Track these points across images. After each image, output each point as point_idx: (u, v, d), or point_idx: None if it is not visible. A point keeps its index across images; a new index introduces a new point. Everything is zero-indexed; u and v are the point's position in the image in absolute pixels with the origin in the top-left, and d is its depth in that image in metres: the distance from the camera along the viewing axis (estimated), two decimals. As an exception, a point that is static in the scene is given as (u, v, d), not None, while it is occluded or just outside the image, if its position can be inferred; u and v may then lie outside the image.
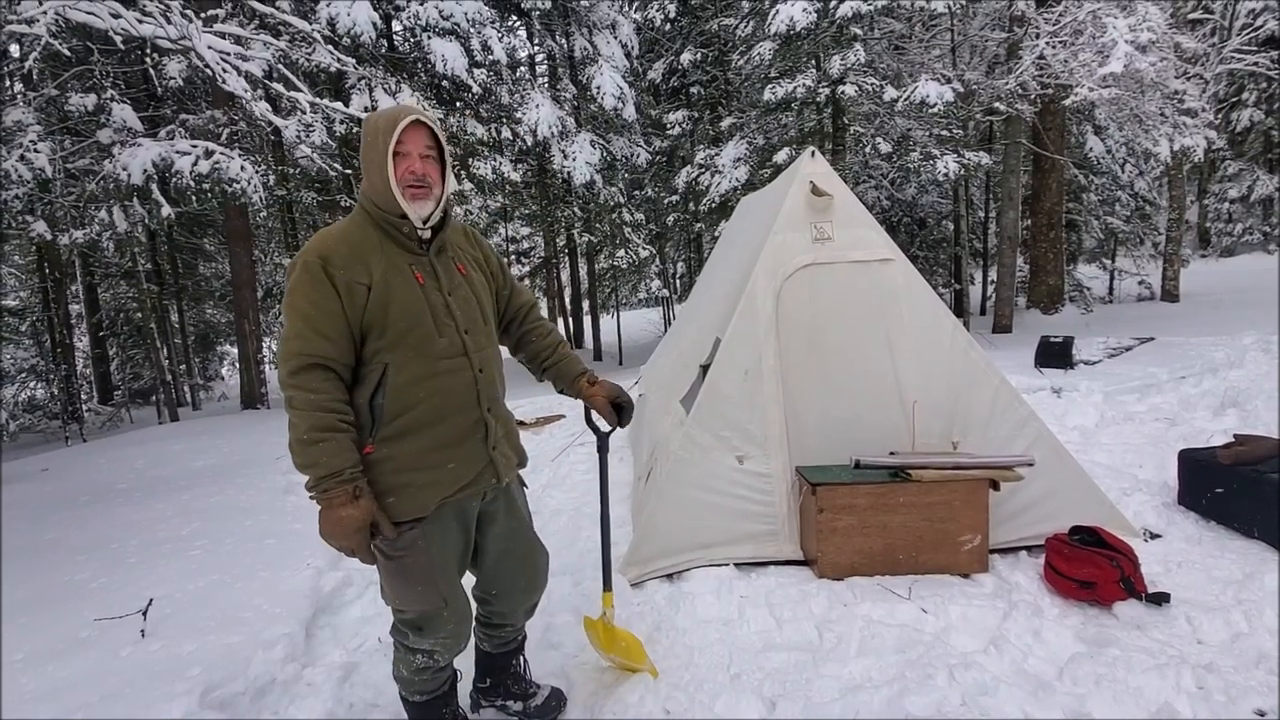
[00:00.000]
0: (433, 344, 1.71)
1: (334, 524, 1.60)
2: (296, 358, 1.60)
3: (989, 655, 2.30)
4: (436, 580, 1.78)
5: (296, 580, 3.10)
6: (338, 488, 1.58)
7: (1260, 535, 3.00)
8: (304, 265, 1.63)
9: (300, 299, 1.61)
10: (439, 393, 1.72)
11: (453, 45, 9.05)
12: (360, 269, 1.65)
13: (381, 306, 1.65)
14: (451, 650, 1.90)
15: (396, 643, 1.91)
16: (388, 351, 1.67)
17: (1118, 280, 15.00)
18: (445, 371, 1.73)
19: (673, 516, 3.14)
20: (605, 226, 13.39)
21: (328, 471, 1.58)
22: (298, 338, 1.60)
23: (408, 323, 1.67)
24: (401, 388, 1.68)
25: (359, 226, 1.72)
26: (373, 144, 1.69)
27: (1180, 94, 9.74)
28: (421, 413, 1.70)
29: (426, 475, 1.72)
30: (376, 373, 1.67)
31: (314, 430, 1.57)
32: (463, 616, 1.87)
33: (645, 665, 2.26)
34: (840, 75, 9.31)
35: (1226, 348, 7.24)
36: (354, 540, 1.62)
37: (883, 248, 3.37)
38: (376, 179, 1.69)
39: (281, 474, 5.12)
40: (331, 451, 1.58)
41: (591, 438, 6.03)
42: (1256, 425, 4.71)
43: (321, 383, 1.61)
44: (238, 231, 9.99)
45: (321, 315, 1.61)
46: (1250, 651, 2.25)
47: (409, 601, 1.79)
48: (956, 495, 2.92)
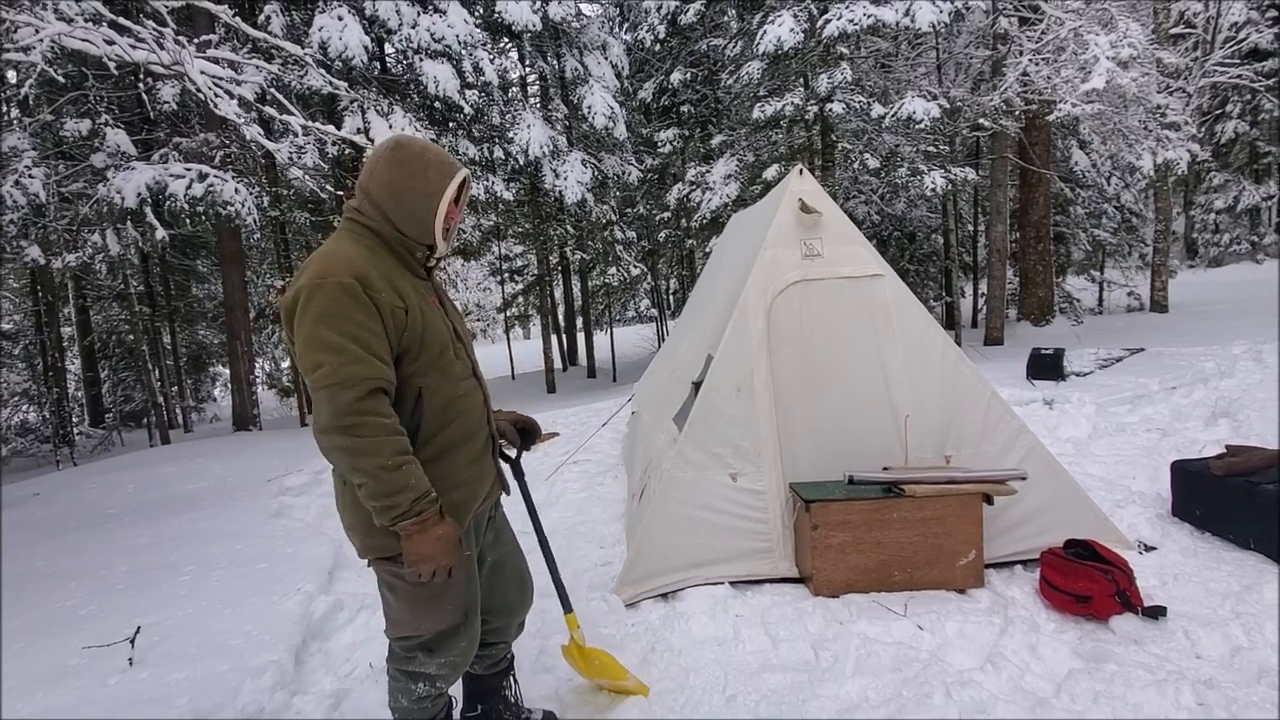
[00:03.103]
0: (454, 367, 1.75)
1: (435, 543, 1.59)
2: (363, 382, 1.51)
3: (986, 673, 2.28)
4: (464, 594, 1.79)
5: (287, 605, 3.06)
6: (431, 507, 1.59)
7: (1256, 547, 3.00)
8: (340, 287, 1.53)
9: (343, 322, 1.52)
10: (464, 413, 1.77)
11: (444, 67, 9.13)
12: (393, 292, 1.61)
13: (418, 331, 1.64)
14: (457, 671, 1.89)
15: (396, 671, 1.88)
16: (421, 375, 1.67)
17: (1107, 291, 15.14)
18: (466, 393, 1.78)
19: (667, 535, 3.12)
20: (597, 244, 13.46)
21: (419, 493, 1.56)
22: (358, 361, 1.51)
23: (439, 347, 1.70)
24: (436, 411, 1.70)
25: (371, 249, 1.66)
26: (417, 175, 1.67)
27: (1163, 108, 9.90)
28: (452, 433, 1.73)
29: (461, 492, 1.75)
30: (412, 397, 1.66)
31: (396, 454, 1.53)
32: (475, 633, 1.87)
33: (630, 681, 2.24)
34: (828, 93, 9.43)
35: (1216, 357, 7.29)
36: (454, 555, 1.64)
37: (872, 263, 3.39)
38: (418, 210, 1.68)
39: (272, 497, 5.07)
40: (417, 474, 1.57)
41: (586, 457, 6.01)
42: (1249, 435, 4.73)
43: (387, 407, 1.57)
44: (231, 253, 9.99)
45: (373, 337, 1.55)
46: (1251, 666, 2.23)
47: (431, 623, 1.77)
48: (950, 510, 2.92)
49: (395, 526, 1.57)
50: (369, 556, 1.74)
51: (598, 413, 7.98)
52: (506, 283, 18.56)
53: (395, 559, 1.70)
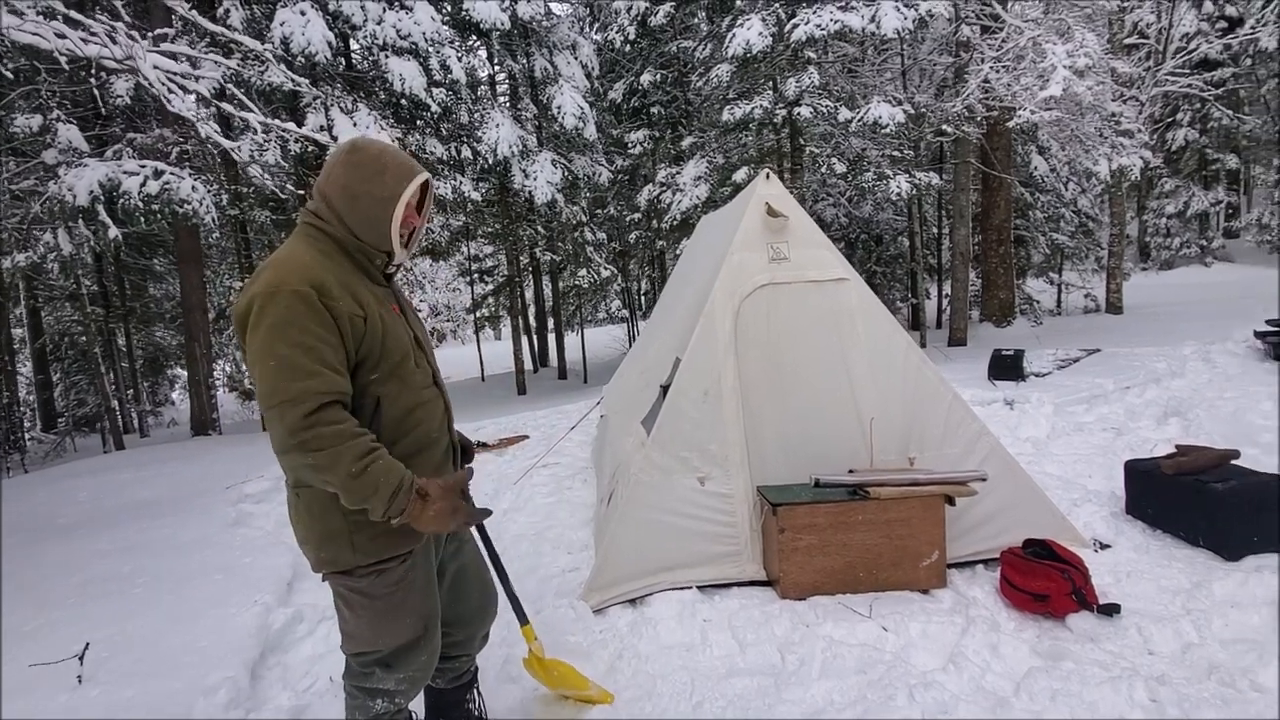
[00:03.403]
0: (414, 376, 1.71)
1: (435, 519, 1.58)
2: (315, 397, 1.46)
3: (948, 673, 2.31)
4: (420, 608, 1.75)
5: (244, 619, 2.97)
6: (407, 496, 1.54)
7: (1204, 543, 3.10)
8: (296, 295, 1.48)
9: (298, 332, 1.47)
10: (424, 421, 1.73)
11: (411, 64, 8.99)
12: (352, 300, 1.57)
13: (378, 339, 1.60)
14: (417, 686, 1.85)
15: (353, 688, 1.83)
16: (380, 384, 1.63)
17: (1065, 293, 15.57)
18: (426, 401, 1.74)
19: (635, 540, 3.10)
20: (568, 245, 13.39)
21: (393, 488, 1.52)
22: (311, 375, 1.47)
23: (399, 355, 1.66)
24: (395, 420, 1.66)
25: (329, 255, 1.61)
26: (373, 178, 1.62)
27: (1117, 116, 10.21)
28: (410, 443, 1.69)
29: None
30: (369, 406, 1.62)
31: (358, 459, 1.49)
32: (435, 647, 1.83)
33: (593, 690, 2.22)
34: (796, 97, 9.52)
35: (1168, 358, 7.54)
36: (463, 512, 1.65)
37: (837, 267, 3.43)
38: (374, 214, 1.62)
39: (231, 504, 4.93)
40: (385, 469, 1.52)
41: (556, 460, 5.95)
42: (1198, 434, 4.90)
43: (342, 414, 1.52)
44: (188, 253, 9.70)
45: (328, 349, 1.51)
46: (1201, 662, 2.30)
47: (388, 637, 1.72)
48: (914, 512, 2.96)
49: (391, 523, 1.56)
50: (323, 571, 1.69)
51: (568, 414, 7.93)
52: (476, 283, 18.37)
53: (351, 573, 1.66)
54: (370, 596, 1.68)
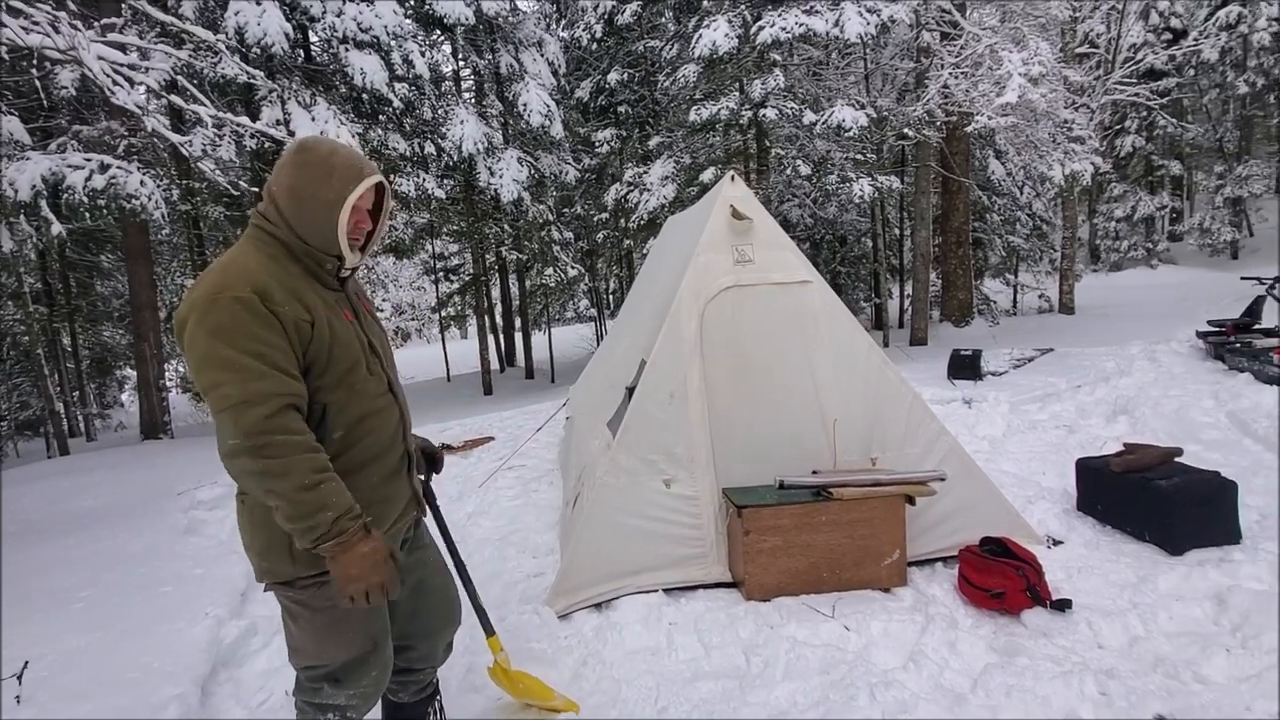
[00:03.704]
0: (368, 383, 1.66)
1: (361, 561, 1.50)
2: (273, 399, 1.43)
3: (908, 671, 2.35)
4: (368, 623, 1.70)
5: (194, 633, 2.86)
6: (354, 524, 1.49)
7: (1150, 539, 3.22)
8: (238, 300, 1.44)
9: (244, 337, 1.43)
10: (375, 430, 1.68)
11: (372, 58, 8.80)
12: (299, 305, 1.53)
13: (325, 345, 1.56)
14: (369, 702, 1.80)
15: (303, 703, 1.78)
16: (327, 392, 1.58)
17: (1020, 294, 16.05)
18: (379, 410, 1.69)
19: (600, 544, 3.09)
20: (534, 244, 13.28)
21: (340, 511, 1.47)
22: (263, 378, 1.43)
23: (348, 362, 1.61)
24: (344, 429, 1.62)
25: (276, 259, 1.57)
26: (320, 180, 1.56)
27: (1070, 122, 10.54)
28: (360, 452, 1.65)
29: (369, 513, 1.63)
30: (315, 414, 1.57)
31: (313, 472, 1.45)
32: (387, 661, 1.79)
33: (558, 700, 2.20)
34: (762, 99, 9.60)
35: (1116, 357, 7.82)
36: (384, 571, 1.54)
37: (801, 270, 3.46)
38: (319, 218, 1.57)
39: (182, 512, 4.76)
40: (337, 490, 1.49)
41: (522, 462, 5.89)
42: (1144, 431, 5.09)
43: (299, 423, 1.48)
44: (137, 249, 9.34)
45: (277, 353, 1.47)
46: (1147, 655, 2.38)
47: (335, 651, 1.67)
48: (876, 512, 3.00)
49: (318, 549, 1.48)
50: (264, 581, 1.65)
51: (534, 415, 7.87)
52: (441, 282, 18.10)
53: (291, 584, 1.62)
54: (312, 609, 1.63)
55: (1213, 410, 5.32)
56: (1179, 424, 5.12)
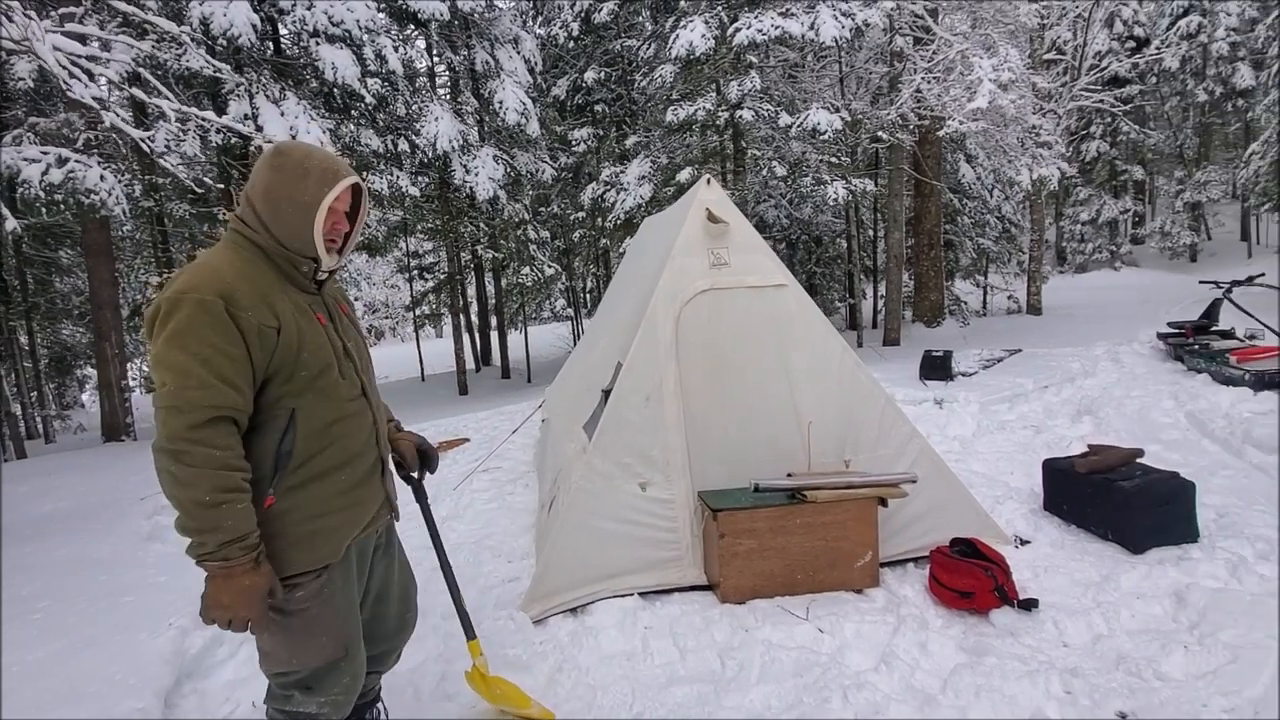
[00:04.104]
0: (339, 387, 1.67)
1: (237, 594, 1.48)
2: (201, 410, 1.43)
3: (880, 673, 2.38)
4: (338, 629, 1.70)
5: (156, 644, 2.79)
6: (243, 555, 1.48)
7: (1113, 538, 3.30)
8: (200, 305, 1.45)
9: (196, 342, 1.44)
10: (346, 435, 1.68)
11: (343, 53, 8.64)
12: (266, 311, 1.53)
13: (292, 350, 1.56)
14: (341, 710, 1.79)
15: (275, 712, 1.77)
16: (295, 396, 1.58)
17: (990, 295, 16.37)
18: (351, 415, 1.70)
19: (576, 548, 3.07)
20: (510, 243, 13.17)
21: (232, 536, 1.46)
22: (201, 387, 1.43)
23: (318, 366, 1.62)
24: (311, 434, 1.61)
25: (249, 262, 1.58)
26: (295, 183, 1.58)
27: (1037, 128, 10.77)
28: (328, 457, 1.65)
29: (336, 519, 1.66)
30: (282, 418, 1.57)
31: (218, 491, 1.44)
32: (359, 668, 1.79)
33: (534, 710, 2.19)
34: (738, 100, 9.64)
35: (1081, 358, 8.01)
36: (255, 609, 1.52)
37: (777, 273, 3.48)
38: (294, 221, 1.59)
39: (145, 517, 4.63)
40: (237, 515, 1.47)
41: (497, 464, 5.85)
42: (1108, 431, 5.22)
43: (227, 438, 1.48)
44: (97, 246, 9.07)
45: (226, 361, 1.46)
46: (1110, 653, 2.44)
47: (306, 657, 1.67)
48: (849, 514, 3.04)
49: (199, 565, 1.48)
50: None
51: (510, 416, 7.81)
52: (415, 280, 17.87)
53: None
54: (282, 612, 1.63)
55: (1172, 410, 5.48)
56: (1141, 424, 5.27)
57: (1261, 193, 13.25)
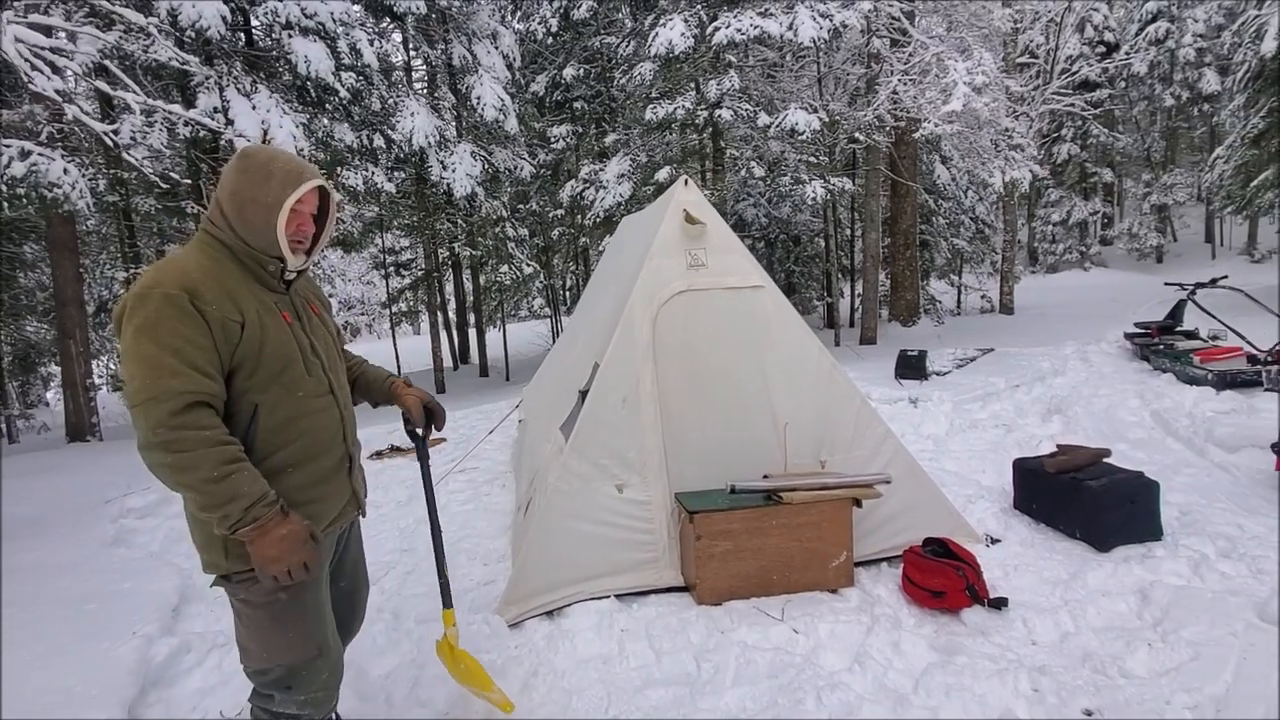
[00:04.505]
0: (303, 384, 1.70)
1: (280, 544, 1.53)
2: (179, 396, 1.46)
3: (854, 673, 2.41)
4: (310, 625, 1.72)
5: (120, 652, 2.72)
6: (268, 510, 1.53)
7: (1081, 536, 3.37)
8: (166, 298, 1.49)
9: (167, 334, 1.48)
10: (309, 432, 1.71)
11: (317, 46, 8.48)
12: (230, 305, 1.58)
13: (255, 345, 1.60)
14: (321, 709, 1.81)
15: (258, 710, 1.80)
16: (258, 392, 1.62)
17: (964, 295, 16.62)
18: (316, 411, 1.73)
19: (552, 550, 3.06)
20: (488, 240, 13.05)
21: (252, 499, 1.51)
22: (175, 375, 1.47)
23: (281, 362, 1.66)
24: (274, 429, 1.65)
25: (215, 260, 1.63)
26: (259, 184, 1.62)
27: (1010, 130, 10.94)
28: (293, 452, 1.68)
29: (299, 513, 1.66)
30: (246, 413, 1.61)
31: (221, 464, 1.48)
32: (337, 663, 1.81)
33: (495, 695, 2.17)
34: (717, 99, 9.66)
35: (1051, 358, 8.17)
36: (304, 552, 1.57)
37: (754, 275, 3.49)
38: (258, 221, 1.63)
39: (110, 521, 4.52)
40: (249, 480, 1.52)
41: (474, 464, 5.80)
42: (1076, 430, 5.33)
43: (210, 419, 1.51)
44: (61, 241, 8.82)
45: (196, 350, 1.51)
46: (1077, 651, 2.49)
47: (280, 653, 1.69)
48: (824, 515, 3.06)
49: (235, 535, 1.52)
50: (208, 573, 1.68)
51: (488, 415, 7.75)
52: (392, 277, 17.65)
53: (229, 578, 1.65)
54: (252, 605, 1.66)
55: (1138, 409, 5.61)
56: (1108, 423, 5.39)
57: (1225, 196, 13.64)
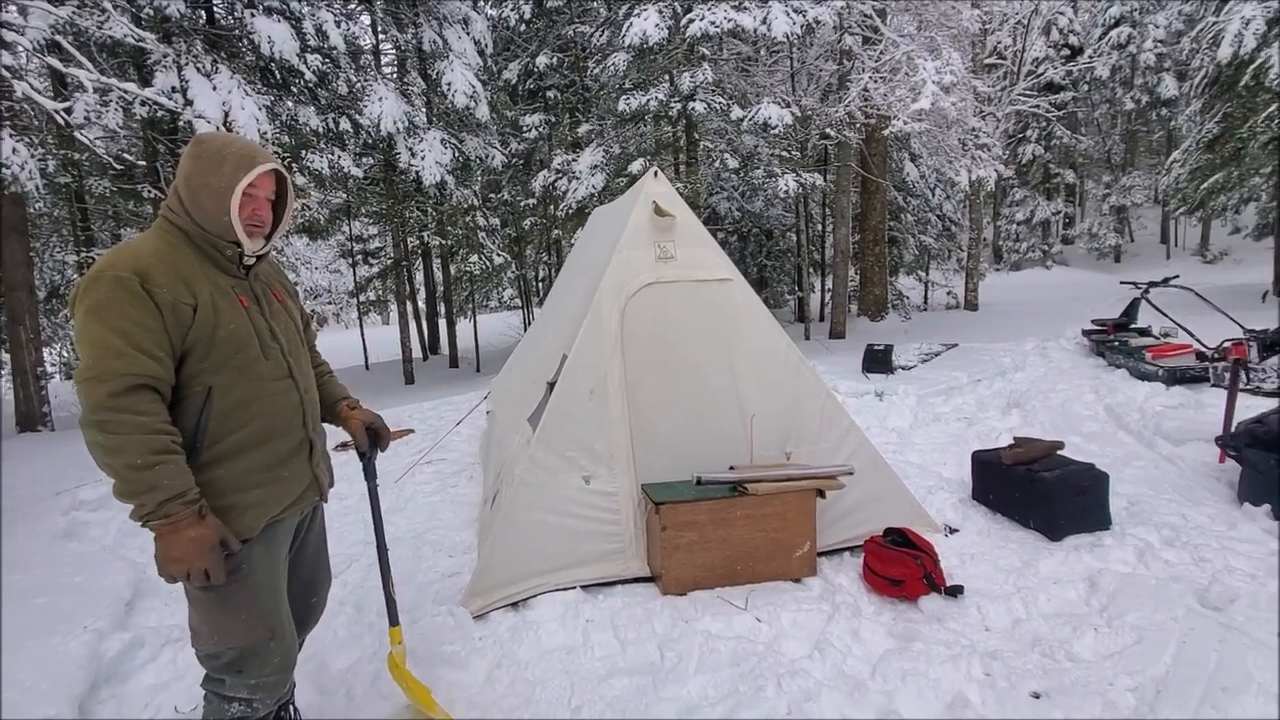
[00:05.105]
0: (259, 366, 1.72)
1: (185, 546, 1.53)
2: (120, 378, 1.48)
3: (814, 660, 2.45)
4: (262, 608, 1.74)
5: (70, 648, 2.64)
6: (183, 509, 1.53)
7: (1034, 526, 3.48)
8: (116, 280, 1.51)
9: (115, 315, 1.50)
10: (265, 414, 1.72)
11: (281, 26, 8.25)
12: (183, 289, 1.59)
13: (208, 328, 1.62)
14: (274, 693, 1.82)
15: (210, 694, 1.80)
16: (211, 374, 1.63)
17: (930, 290, 16.94)
18: (272, 394, 1.74)
19: (518, 542, 3.05)
20: (459, 230, 12.89)
21: (170, 494, 1.51)
22: (119, 356, 1.49)
23: (234, 346, 1.67)
24: (228, 411, 1.66)
25: (171, 245, 1.65)
26: (212, 170, 1.64)
27: (977, 130, 11.15)
28: (247, 435, 1.69)
29: (253, 495, 1.70)
30: (199, 396, 1.62)
31: (149, 454, 1.49)
32: (290, 648, 1.82)
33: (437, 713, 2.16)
34: (691, 92, 9.65)
35: (1012, 353, 8.38)
36: (209, 559, 1.56)
37: (722, 267, 3.51)
38: (211, 206, 1.64)
39: (62, 514, 4.38)
40: (171, 474, 1.52)
41: (441, 456, 5.75)
42: (1034, 424, 5.48)
43: (149, 404, 1.52)
44: (10, 223, 8.44)
45: (143, 333, 1.52)
46: (1027, 636, 2.58)
47: (230, 636, 1.70)
48: (789, 506, 3.10)
49: (144, 527, 1.54)
50: None
51: (457, 406, 7.69)
52: (359, 265, 17.33)
53: None
54: (202, 586, 1.65)
55: (1093, 404, 5.79)
56: (1064, 417, 5.55)
57: (1180, 199, 14.10)
